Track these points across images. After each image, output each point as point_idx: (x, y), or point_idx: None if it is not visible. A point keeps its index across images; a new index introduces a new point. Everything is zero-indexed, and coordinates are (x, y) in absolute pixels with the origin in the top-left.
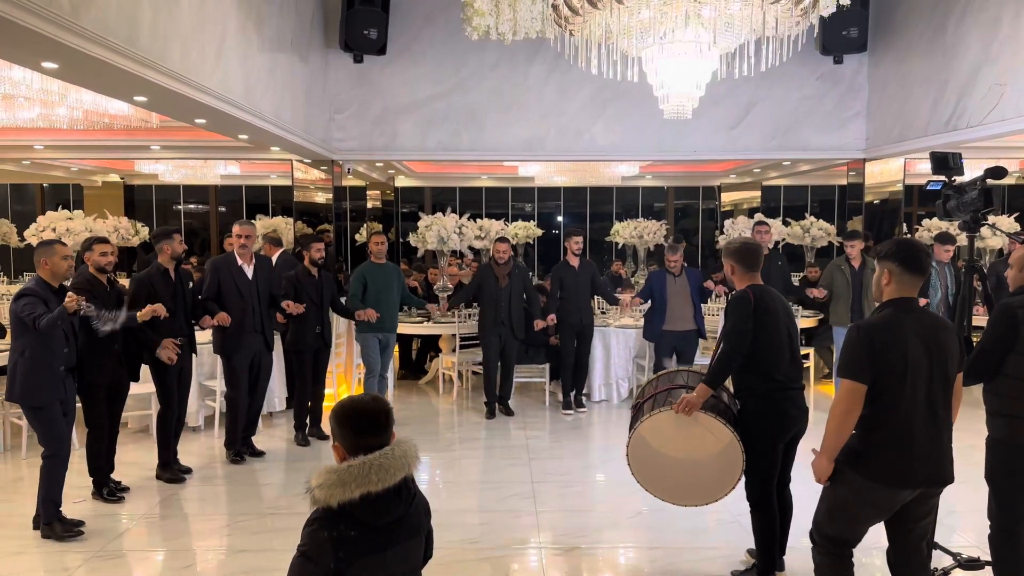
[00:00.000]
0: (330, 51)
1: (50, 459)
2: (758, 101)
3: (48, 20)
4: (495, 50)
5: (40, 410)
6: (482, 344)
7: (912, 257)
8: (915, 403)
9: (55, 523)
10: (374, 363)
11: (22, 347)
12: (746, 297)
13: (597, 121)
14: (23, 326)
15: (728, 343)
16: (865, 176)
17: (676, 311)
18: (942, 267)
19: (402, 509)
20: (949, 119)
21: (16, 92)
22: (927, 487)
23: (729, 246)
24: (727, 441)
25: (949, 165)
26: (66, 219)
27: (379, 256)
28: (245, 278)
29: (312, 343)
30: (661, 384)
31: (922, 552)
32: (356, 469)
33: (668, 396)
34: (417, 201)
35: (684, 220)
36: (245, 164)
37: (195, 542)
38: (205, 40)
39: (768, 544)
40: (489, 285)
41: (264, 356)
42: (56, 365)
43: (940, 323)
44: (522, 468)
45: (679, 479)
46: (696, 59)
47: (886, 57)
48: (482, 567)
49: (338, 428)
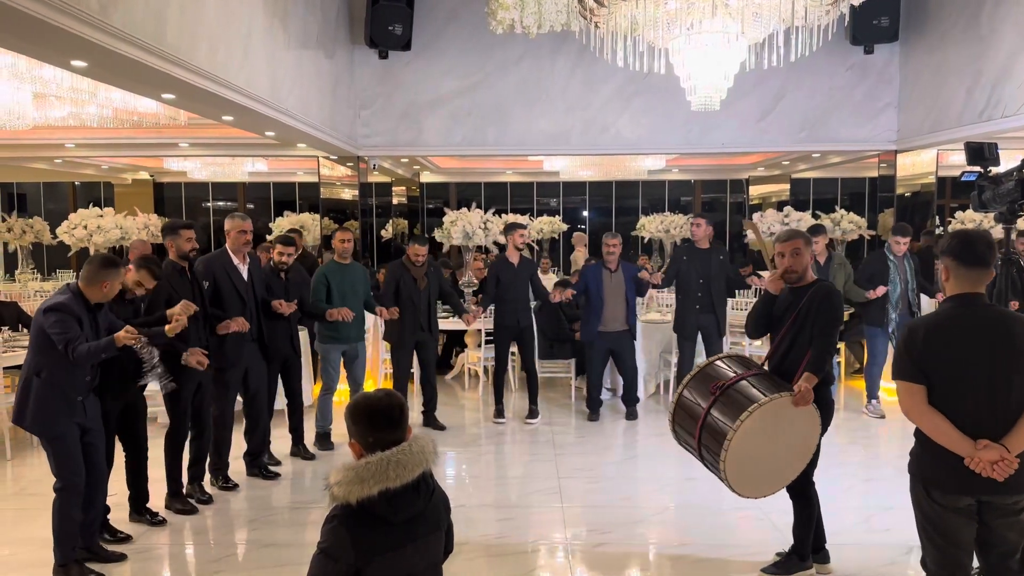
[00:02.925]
0: (355, 47)
1: (62, 492)
2: (787, 92)
3: (77, 19)
4: (520, 44)
5: (56, 439)
6: (496, 340)
7: (965, 250)
8: (975, 402)
9: (71, 565)
10: (333, 379)
11: (39, 366)
12: (835, 290)
13: (623, 114)
14: (48, 343)
15: (829, 334)
16: (897, 168)
17: (611, 310)
18: (900, 260)
19: (421, 505)
20: (984, 109)
21: (47, 91)
22: (991, 495)
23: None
24: (815, 420)
25: (985, 155)
26: (97, 216)
27: (344, 256)
28: (242, 279)
29: (283, 351)
30: (698, 388)
31: (1011, 571)
32: (374, 465)
33: (730, 395)
34: (442, 197)
35: (711, 214)
36: (272, 161)
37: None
38: (232, 37)
39: (808, 532)
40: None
41: (257, 366)
42: (74, 395)
43: (1010, 318)
44: (548, 463)
45: (766, 470)
46: (724, 50)
47: (918, 46)
48: (508, 562)
49: (353, 425)
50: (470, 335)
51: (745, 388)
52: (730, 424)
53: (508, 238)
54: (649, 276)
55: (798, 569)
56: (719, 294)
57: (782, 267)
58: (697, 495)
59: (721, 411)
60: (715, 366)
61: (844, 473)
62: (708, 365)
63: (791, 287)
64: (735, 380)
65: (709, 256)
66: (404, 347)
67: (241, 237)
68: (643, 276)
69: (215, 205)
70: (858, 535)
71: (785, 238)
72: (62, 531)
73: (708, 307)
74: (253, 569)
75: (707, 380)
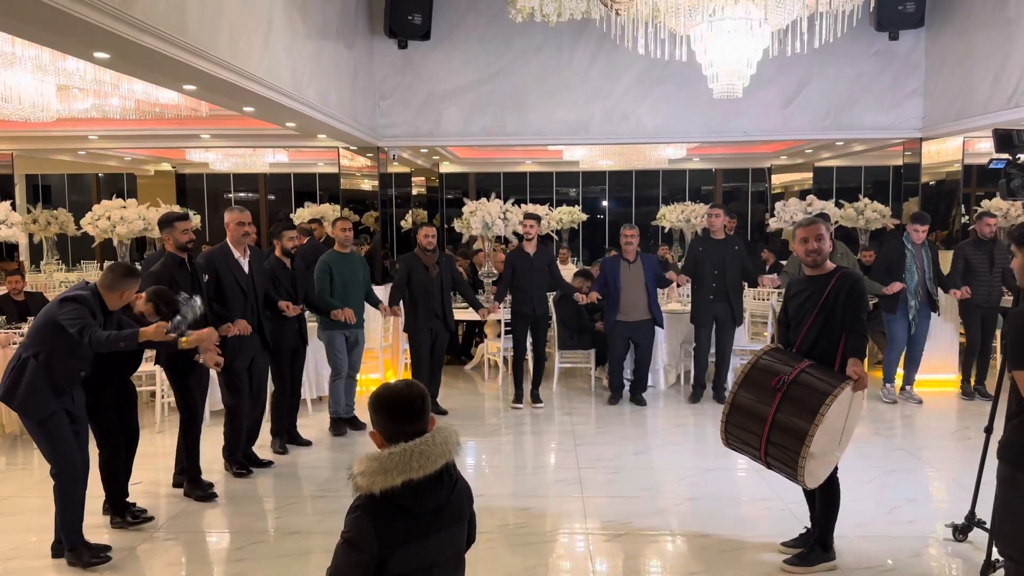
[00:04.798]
0: (375, 37)
1: (60, 476)
2: (810, 80)
3: (100, 10)
4: (539, 33)
5: (44, 422)
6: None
7: None
8: None
9: (80, 548)
10: (340, 364)
11: (38, 349)
12: (860, 276)
13: (643, 103)
14: (54, 332)
15: (861, 319)
16: (922, 156)
17: (630, 300)
18: (917, 249)
19: (444, 496)
20: (1012, 95)
21: (71, 83)
22: None
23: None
24: (862, 401)
25: (1013, 142)
26: (120, 208)
27: (345, 244)
28: (243, 273)
29: (291, 342)
30: (755, 388)
31: None
32: (397, 456)
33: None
34: (461, 187)
35: (733, 203)
36: (293, 152)
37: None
38: (252, 28)
39: (832, 521)
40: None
41: (260, 357)
42: (64, 385)
43: None
44: (568, 453)
45: (829, 457)
46: (747, 36)
47: (944, 32)
48: (528, 552)
49: (375, 415)
50: (490, 325)
51: (809, 382)
52: (808, 420)
53: (523, 227)
54: (676, 277)
55: (821, 560)
56: (734, 284)
57: (804, 251)
58: (717, 485)
59: (792, 408)
60: (763, 364)
61: (867, 465)
62: (755, 364)
63: (809, 276)
64: (794, 375)
65: (725, 247)
66: (420, 334)
67: (239, 229)
68: (670, 276)
69: (236, 196)
70: (882, 527)
71: (807, 223)
72: (66, 514)
73: (723, 296)
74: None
75: (763, 379)
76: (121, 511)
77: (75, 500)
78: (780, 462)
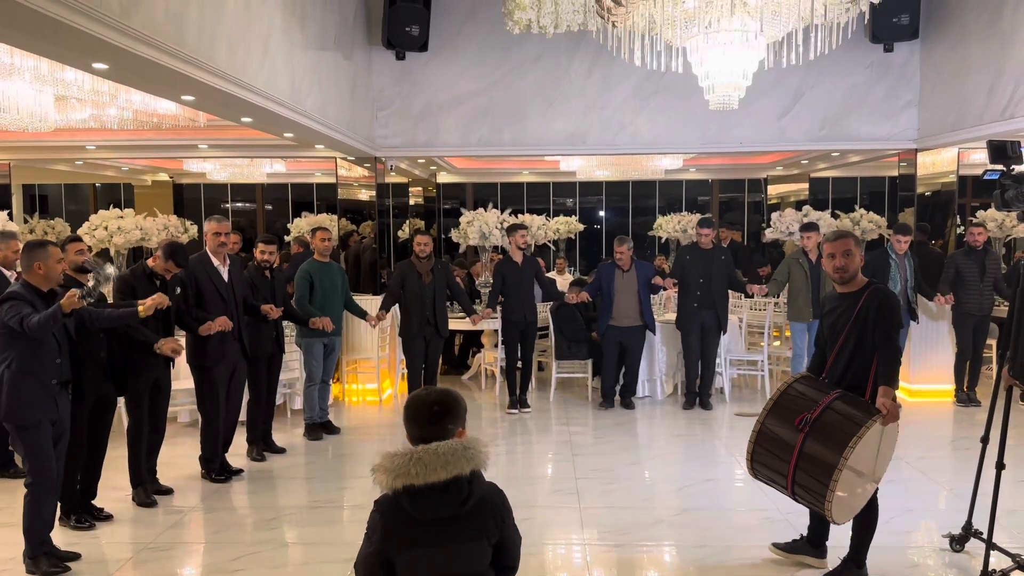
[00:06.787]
0: (373, 48)
1: (34, 486)
2: (806, 91)
3: (99, 21)
4: (537, 44)
5: (26, 429)
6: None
7: None
8: None
9: (40, 557)
10: (316, 371)
11: (8, 358)
12: (891, 292)
13: (640, 114)
14: (10, 334)
15: (893, 339)
16: (917, 167)
17: (622, 306)
18: (900, 259)
19: (450, 508)
20: (1006, 107)
21: (68, 93)
22: None
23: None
24: (896, 427)
25: (1007, 154)
26: (117, 217)
27: (324, 254)
28: (223, 280)
29: (268, 349)
30: (782, 420)
31: None
32: (399, 459)
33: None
34: (459, 197)
35: (729, 213)
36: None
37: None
38: (251, 39)
39: (868, 538)
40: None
41: (240, 364)
42: (47, 379)
43: None
44: (565, 464)
45: (861, 490)
46: (742, 48)
47: (939, 44)
48: (526, 563)
49: (404, 416)
50: (487, 335)
51: (834, 421)
52: (835, 459)
53: (511, 239)
54: (663, 282)
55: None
56: (720, 293)
57: (832, 268)
58: (714, 495)
59: (820, 441)
60: (792, 393)
61: None
62: (783, 393)
63: (840, 292)
64: (821, 409)
65: (711, 256)
66: (413, 340)
67: (216, 239)
68: (656, 282)
69: (234, 206)
70: (878, 537)
71: (834, 238)
72: (32, 526)
73: (708, 304)
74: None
75: (791, 411)
76: (69, 513)
77: (45, 511)
78: (811, 495)
